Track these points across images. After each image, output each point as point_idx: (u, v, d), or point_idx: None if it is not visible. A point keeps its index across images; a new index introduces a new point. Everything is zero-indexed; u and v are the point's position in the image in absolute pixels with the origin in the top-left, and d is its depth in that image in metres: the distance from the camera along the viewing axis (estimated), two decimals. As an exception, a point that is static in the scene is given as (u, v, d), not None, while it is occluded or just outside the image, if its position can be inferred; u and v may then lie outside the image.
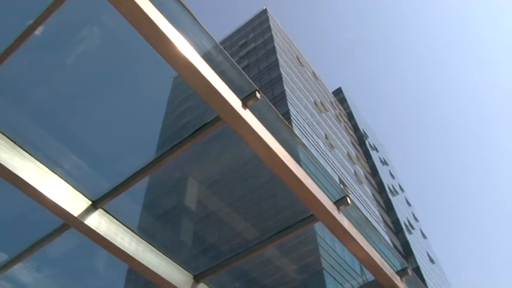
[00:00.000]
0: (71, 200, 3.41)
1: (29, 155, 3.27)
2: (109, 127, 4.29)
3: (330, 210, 3.71)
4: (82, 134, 4.15)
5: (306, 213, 3.86)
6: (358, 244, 3.95)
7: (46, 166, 3.34)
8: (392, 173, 71.31)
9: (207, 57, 3.00)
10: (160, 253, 3.90)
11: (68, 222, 3.46)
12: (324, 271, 21.75)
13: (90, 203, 3.55)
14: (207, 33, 3.17)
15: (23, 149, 3.25)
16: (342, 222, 3.81)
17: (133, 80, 4.19)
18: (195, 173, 5.49)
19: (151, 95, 4.47)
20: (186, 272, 4.08)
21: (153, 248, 3.86)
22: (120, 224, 3.69)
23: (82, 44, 3.98)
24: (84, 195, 3.53)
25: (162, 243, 3.97)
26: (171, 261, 3.97)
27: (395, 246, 46.85)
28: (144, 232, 3.86)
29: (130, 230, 3.74)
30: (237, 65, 3.34)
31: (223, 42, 59.49)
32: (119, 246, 3.56)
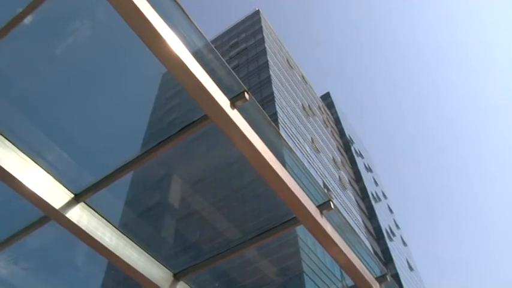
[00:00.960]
0: (53, 192, 3.37)
1: (12, 145, 3.22)
2: (95, 120, 4.25)
3: (312, 213, 3.73)
4: (67, 125, 4.11)
5: (289, 215, 3.87)
6: (340, 249, 3.97)
7: (29, 157, 3.30)
8: (376, 180, 71.81)
9: (197, 55, 3.00)
10: (140, 249, 3.88)
11: (49, 215, 3.42)
12: (304, 275, 21.80)
13: (72, 196, 3.51)
14: (199, 31, 3.16)
15: (6, 138, 3.20)
16: (324, 226, 3.83)
17: (122, 74, 4.16)
18: (180, 171, 5.46)
19: (140, 90, 4.44)
20: (166, 269, 4.06)
21: (134, 244, 3.83)
22: (102, 219, 3.66)
23: (72, 35, 3.95)
24: (66, 188, 3.50)
25: (143, 240, 3.95)
26: (151, 258, 3.95)
27: (375, 253, 47.16)
28: (126, 228, 3.83)
29: (112, 225, 3.71)
30: (227, 65, 3.34)
31: (214, 41, 59.39)
32: (100, 240, 3.53)
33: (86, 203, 3.58)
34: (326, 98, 78.65)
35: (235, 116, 3.17)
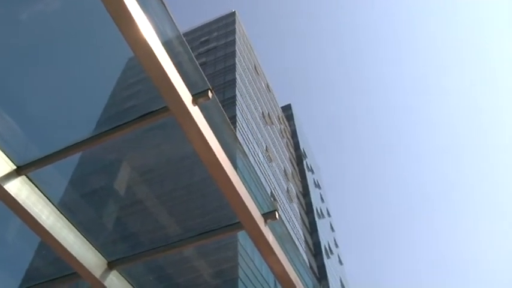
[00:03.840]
0: (-6, 161, 3.25)
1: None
2: (50, 93, 4.11)
3: (257, 221, 3.75)
4: (20, 94, 3.96)
5: (233, 220, 3.88)
6: (278, 259, 4.01)
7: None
8: (323, 196, 72.97)
9: (167, 45, 2.97)
10: (77, 232, 3.78)
11: (-14, 183, 3.28)
12: (239, 280, 21.84)
13: (14, 167, 3.39)
14: (173, 21, 3.13)
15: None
16: (266, 235, 3.86)
17: (87, 51, 4.05)
18: (130, 158, 5.37)
19: (102, 70, 4.34)
20: (101, 256, 3.98)
21: (71, 226, 3.73)
22: (42, 196, 3.54)
23: (41, 2, 3.82)
24: (9, 158, 3.37)
25: (82, 223, 3.86)
26: (87, 242, 3.86)
27: (311, 268, 47.84)
28: (66, 208, 3.73)
29: (52, 203, 3.60)
30: (195, 60, 3.32)
31: (185, 34, 58.75)
32: (36, 217, 3.42)
33: (27, 177, 3.46)
34: (287, 109, 79.39)
35: (195, 112, 3.16)
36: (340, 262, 65.70)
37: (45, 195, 3.56)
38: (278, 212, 3.98)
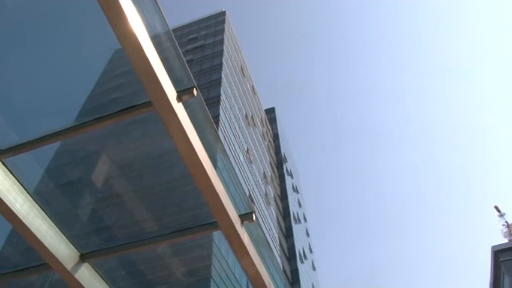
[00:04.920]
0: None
1: None
2: (33, 80, 4.05)
3: (233, 221, 3.75)
4: (2, 79, 3.89)
5: (210, 219, 3.87)
6: (252, 261, 4.01)
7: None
8: (300, 201, 73.21)
9: (155, 39, 2.95)
10: (51, 223, 3.72)
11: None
12: (212, 280, 21.76)
13: (-11, 152, 3.33)
14: (163, 16, 3.11)
15: None
16: (242, 236, 3.85)
17: (74, 40, 4.00)
18: (110, 151, 5.31)
19: (87, 60, 4.29)
20: (74, 248, 3.92)
21: (45, 215, 3.68)
22: (17, 183, 3.48)
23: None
24: (-15, 142, 3.31)
25: (57, 213, 3.80)
26: (60, 233, 3.80)
27: (285, 272, 47.94)
28: (41, 197, 3.67)
29: (27, 191, 3.54)
30: (183, 57, 3.31)
31: (174, 30, 58.32)
32: (10, 205, 3.36)
33: (3, 163, 3.40)
34: (270, 112, 79.52)
35: (179, 109, 3.14)
36: (314, 268, 65.98)
37: (20, 183, 3.50)
38: (255, 214, 3.98)
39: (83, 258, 3.97)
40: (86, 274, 3.97)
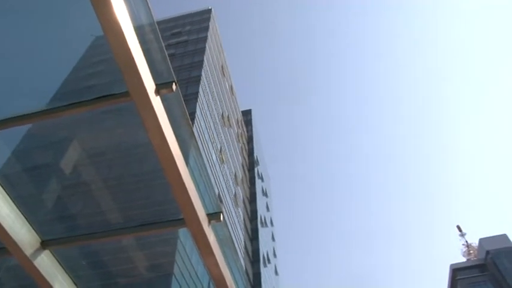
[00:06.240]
0: None
1: None
2: (6, 58, 3.94)
3: (201, 220, 3.72)
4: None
5: (177, 215, 3.84)
6: (216, 261, 3.99)
7: None
8: (269, 206, 73.39)
9: (139, 30, 2.91)
10: (13, 206, 3.62)
11: None
12: (173, 277, 21.59)
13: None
14: (149, 7, 3.08)
15: None
16: (208, 235, 3.83)
17: (55, 22, 3.92)
18: (82, 138, 5.22)
19: (67, 44, 4.21)
20: (35, 234, 3.83)
21: (8, 198, 3.58)
22: (-19, 162, 3.39)
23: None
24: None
25: (20, 197, 3.70)
26: (22, 217, 3.71)
27: (247, 274, 47.94)
28: (4, 179, 3.57)
29: (-10, 171, 3.45)
30: (165, 50, 3.28)
31: (158, 23, 57.72)
32: (-29, 184, 3.26)
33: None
34: (247, 114, 79.50)
35: (156, 102, 3.11)
36: (276, 272, 66.19)
37: (-15, 163, 3.40)
38: (223, 215, 3.97)
39: (44, 245, 3.88)
40: (45, 261, 3.88)
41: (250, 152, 71.73)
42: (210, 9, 62.59)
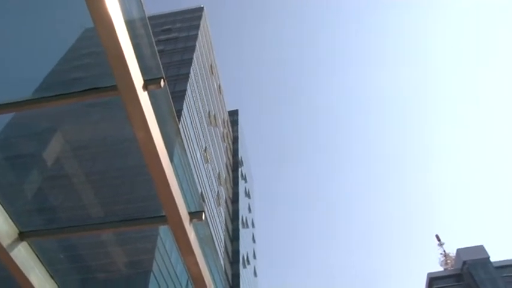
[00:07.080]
0: None
1: None
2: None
3: (182, 218, 3.71)
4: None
5: (159, 212, 3.81)
6: (195, 260, 3.98)
7: None
8: (251, 207, 73.42)
9: (129, 24, 2.88)
10: (-8, 195, 3.57)
11: None
12: (152, 274, 21.47)
13: None
14: (141, 1, 3.06)
15: None
16: (189, 234, 3.82)
17: (45, 10, 3.87)
18: (66, 130, 5.17)
19: (56, 33, 4.16)
20: (13, 225, 3.77)
21: (-13, 186, 3.53)
22: (-38, 149, 3.33)
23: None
24: None
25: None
26: (0, 207, 3.65)
27: (226, 274, 47.88)
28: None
29: (-29, 159, 3.39)
30: (155, 46, 3.26)
31: (149, 18, 57.33)
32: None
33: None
34: (233, 114, 79.46)
35: (143, 97, 3.09)
36: (255, 274, 66.22)
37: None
38: (205, 214, 3.96)
39: (22, 236, 3.82)
40: (22, 253, 3.82)
41: (235, 153, 71.70)
42: (202, 8, 62.46)
